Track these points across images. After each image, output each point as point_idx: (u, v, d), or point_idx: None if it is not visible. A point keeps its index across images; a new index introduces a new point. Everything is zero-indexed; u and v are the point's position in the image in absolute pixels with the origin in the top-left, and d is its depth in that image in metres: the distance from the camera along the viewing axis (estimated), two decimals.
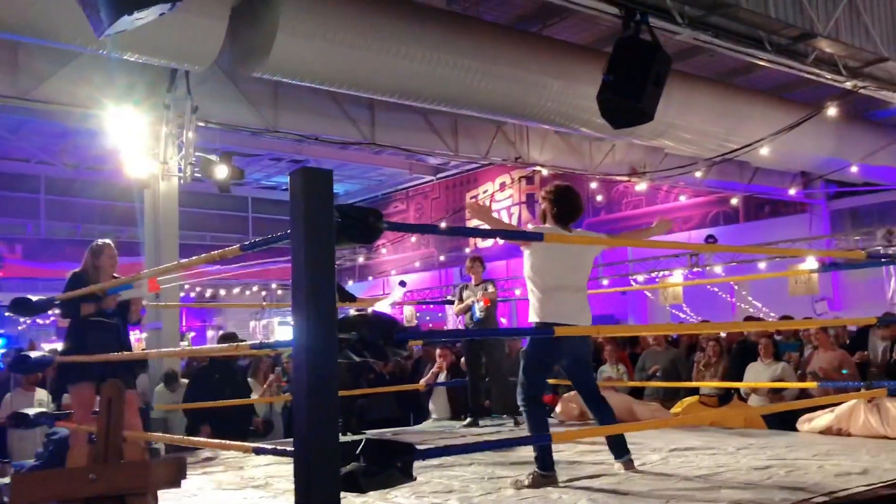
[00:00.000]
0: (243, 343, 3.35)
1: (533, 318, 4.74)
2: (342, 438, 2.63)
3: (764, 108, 11.60)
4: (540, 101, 9.54)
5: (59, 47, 7.95)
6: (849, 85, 9.39)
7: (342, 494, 4.23)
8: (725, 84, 11.69)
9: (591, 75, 8.20)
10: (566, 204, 4.79)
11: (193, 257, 3.70)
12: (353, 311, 2.81)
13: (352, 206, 2.74)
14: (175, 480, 2.06)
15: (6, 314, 5.65)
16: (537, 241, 3.93)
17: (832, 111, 10.51)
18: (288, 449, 2.68)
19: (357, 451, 2.58)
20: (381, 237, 2.79)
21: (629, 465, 4.75)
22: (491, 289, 7.64)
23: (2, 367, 8.29)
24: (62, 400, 7.42)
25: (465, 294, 7.84)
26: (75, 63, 8.90)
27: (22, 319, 19.82)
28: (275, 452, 3.02)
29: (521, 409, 4.75)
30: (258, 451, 3.14)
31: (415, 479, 2.66)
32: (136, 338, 12.19)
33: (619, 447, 4.79)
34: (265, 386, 8.49)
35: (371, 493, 4.28)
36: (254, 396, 7.91)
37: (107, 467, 2.03)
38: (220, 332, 11.70)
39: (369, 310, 2.82)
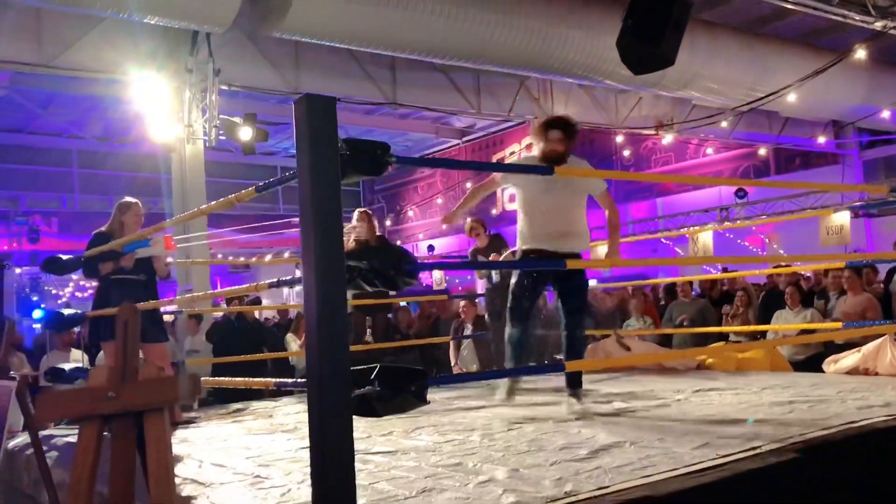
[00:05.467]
0: (262, 284, 3.42)
1: (520, 244, 4.85)
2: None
3: (792, 55, 11.41)
4: (562, 52, 9.48)
5: (82, 13, 8.04)
6: (878, 25, 9.18)
7: (367, 432, 4.33)
8: (752, 32, 11.49)
9: (613, 25, 8.10)
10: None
11: (213, 199, 3.75)
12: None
13: (359, 139, 2.77)
14: (191, 395, 2.14)
15: (41, 269, 5.79)
16: (548, 173, 3.97)
17: (861, 54, 10.28)
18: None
19: (371, 377, 2.63)
20: (387, 170, 2.81)
21: (577, 396, 4.90)
22: (506, 251, 7.57)
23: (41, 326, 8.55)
24: (96, 360, 7.61)
25: (479, 259, 7.80)
26: (98, 29, 9.00)
27: (62, 294, 20.31)
28: (295, 385, 3.10)
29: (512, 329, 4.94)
30: (279, 386, 3.22)
31: (428, 403, 2.71)
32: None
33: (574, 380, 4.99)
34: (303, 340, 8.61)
35: (395, 430, 4.40)
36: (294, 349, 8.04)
37: (124, 385, 2.11)
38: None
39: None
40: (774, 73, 11.25)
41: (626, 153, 18.76)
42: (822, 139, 15.37)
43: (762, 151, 16.84)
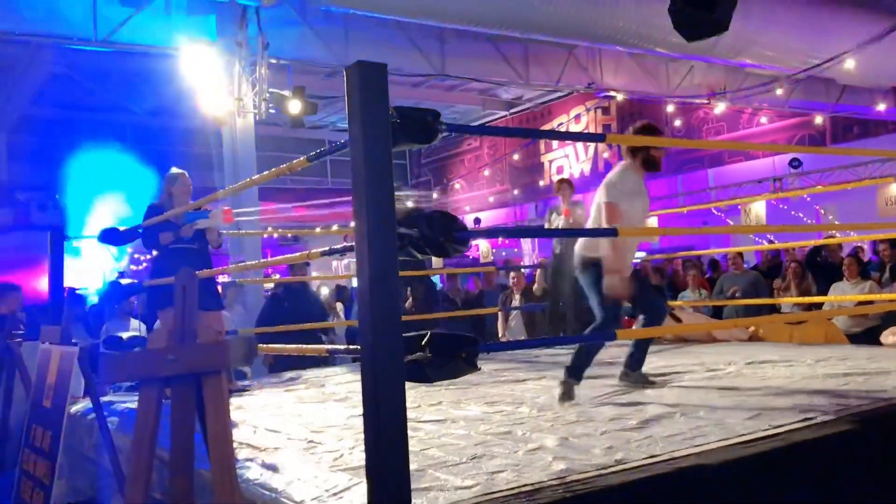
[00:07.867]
0: (314, 252, 3.46)
1: (593, 252, 4.55)
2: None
3: (851, 20, 11.05)
4: (612, 20, 9.32)
5: None
6: None
7: (416, 402, 4.38)
8: None
9: None
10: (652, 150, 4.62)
11: (265, 172, 3.80)
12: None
13: (410, 107, 2.76)
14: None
15: (99, 240, 5.93)
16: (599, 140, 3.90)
17: None
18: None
19: (422, 344, 2.65)
20: (437, 137, 2.81)
21: (641, 378, 4.71)
22: (579, 211, 7.45)
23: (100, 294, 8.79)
24: (153, 328, 7.78)
25: (553, 217, 7.76)
26: (151, 5, 9.10)
27: (119, 266, 20.77)
28: (347, 352, 3.14)
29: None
30: (331, 352, 3.28)
31: (479, 370, 2.72)
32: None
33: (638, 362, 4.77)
34: None
35: (444, 401, 4.45)
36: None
37: (184, 348, 2.17)
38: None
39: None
40: (832, 38, 10.91)
41: (677, 123, 18.43)
42: (882, 106, 14.88)
43: (818, 120, 16.37)
